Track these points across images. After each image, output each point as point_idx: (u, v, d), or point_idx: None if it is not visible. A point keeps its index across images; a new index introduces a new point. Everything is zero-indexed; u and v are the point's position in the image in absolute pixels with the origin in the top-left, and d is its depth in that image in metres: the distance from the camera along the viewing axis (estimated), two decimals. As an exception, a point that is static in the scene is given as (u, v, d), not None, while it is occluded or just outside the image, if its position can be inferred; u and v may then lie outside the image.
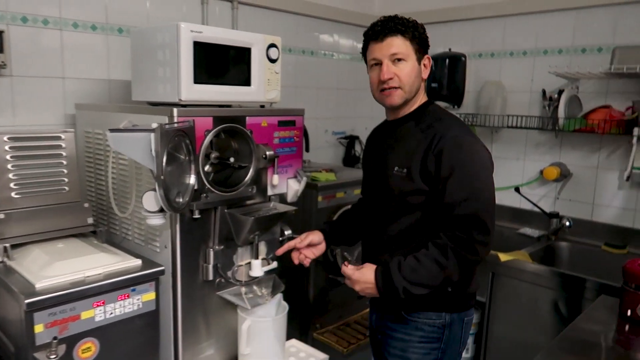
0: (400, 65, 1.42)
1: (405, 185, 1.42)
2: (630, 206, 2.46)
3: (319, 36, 3.06)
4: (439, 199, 1.37)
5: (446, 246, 1.33)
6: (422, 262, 1.34)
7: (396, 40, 1.41)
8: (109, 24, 2.11)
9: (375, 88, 1.49)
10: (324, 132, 3.17)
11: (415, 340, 1.48)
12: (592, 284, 2.07)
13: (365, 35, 1.49)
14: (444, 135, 1.38)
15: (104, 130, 1.77)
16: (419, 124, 1.47)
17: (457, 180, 1.34)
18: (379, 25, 1.44)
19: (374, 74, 1.47)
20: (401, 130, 1.51)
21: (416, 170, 1.40)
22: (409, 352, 1.49)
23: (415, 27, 1.44)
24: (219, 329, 1.80)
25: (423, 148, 1.40)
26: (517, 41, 2.77)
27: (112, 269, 1.55)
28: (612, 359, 1.41)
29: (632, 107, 2.34)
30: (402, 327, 1.50)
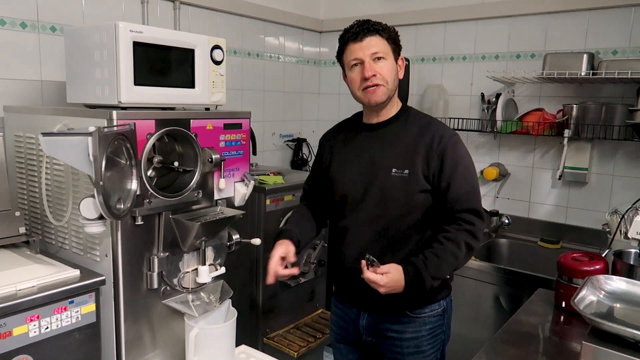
0: (381, 64, 1.46)
1: (409, 186, 1.46)
2: (563, 203, 2.61)
3: (265, 38, 3.04)
4: (443, 194, 1.45)
5: (460, 239, 1.42)
6: (442, 257, 1.42)
7: (375, 40, 1.46)
8: (41, 21, 2.00)
9: (357, 87, 1.50)
10: (271, 135, 3.16)
11: (425, 334, 1.55)
12: (529, 278, 2.19)
13: (342, 39, 1.52)
14: (444, 135, 1.47)
15: (36, 134, 1.67)
16: (408, 125, 1.52)
17: (460, 176, 1.44)
18: (357, 27, 1.48)
19: (355, 73, 1.49)
20: (388, 132, 1.53)
21: (419, 170, 1.45)
22: (423, 346, 1.55)
23: (390, 29, 1.51)
24: (165, 339, 1.74)
25: (424, 148, 1.46)
26: (457, 46, 2.88)
27: (47, 280, 1.46)
28: (549, 348, 1.49)
29: (562, 110, 2.48)
30: (410, 326, 1.54)
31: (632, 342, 1.13)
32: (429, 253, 1.43)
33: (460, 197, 1.44)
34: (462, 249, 1.42)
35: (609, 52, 2.40)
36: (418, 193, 1.46)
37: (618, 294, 1.39)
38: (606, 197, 2.47)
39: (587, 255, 1.71)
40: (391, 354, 1.57)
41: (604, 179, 2.48)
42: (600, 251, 2.03)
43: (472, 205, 1.45)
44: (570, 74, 2.26)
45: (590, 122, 2.36)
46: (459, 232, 1.43)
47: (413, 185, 1.46)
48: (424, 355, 1.56)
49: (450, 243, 1.42)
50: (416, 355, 1.55)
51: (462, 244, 1.42)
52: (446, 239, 1.43)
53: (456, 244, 1.42)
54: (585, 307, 1.29)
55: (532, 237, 2.65)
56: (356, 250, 1.53)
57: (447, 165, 1.44)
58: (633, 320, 1.27)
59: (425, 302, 1.54)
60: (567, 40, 2.50)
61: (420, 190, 1.46)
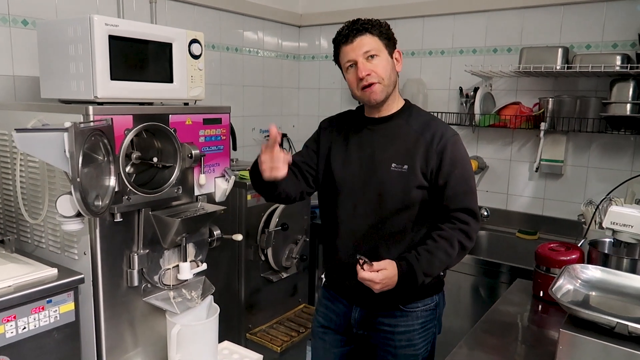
0: (375, 61, 1.47)
1: (408, 182, 1.47)
2: (540, 195, 2.66)
3: (244, 33, 3.01)
4: (440, 192, 1.47)
5: (453, 238, 1.44)
6: (435, 254, 1.43)
7: (365, 39, 1.46)
8: (12, 15, 1.94)
9: (355, 87, 1.50)
10: (250, 130, 3.13)
11: (417, 327, 1.57)
12: (508, 268, 2.23)
13: (335, 42, 1.53)
14: (444, 134, 1.48)
15: (9, 131, 1.62)
16: (410, 122, 1.53)
17: (457, 175, 1.46)
18: (347, 29, 1.49)
19: (351, 75, 1.50)
20: (390, 128, 1.54)
21: (418, 166, 1.46)
22: (415, 340, 1.57)
23: (380, 25, 1.50)
24: (146, 337, 1.72)
25: (424, 145, 1.47)
26: (436, 41, 2.90)
27: (24, 280, 1.42)
28: (528, 336, 1.52)
29: (538, 103, 2.53)
30: (403, 320, 1.56)
31: (607, 328, 1.16)
32: (422, 250, 1.44)
33: (457, 196, 1.46)
34: (455, 247, 1.44)
35: (583, 46, 2.45)
36: (415, 189, 1.47)
37: (593, 282, 1.42)
38: (581, 188, 2.53)
39: (563, 245, 1.75)
40: (383, 347, 1.59)
41: (579, 171, 2.53)
42: (576, 241, 2.07)
43: (467, 204, 1.46)
44: (545, 68, 2.30)
45: (565, 115, 2.41)
46: (453, 230, 1.45)
47: (411, 181, 1.47)
48: (416, 349, 1.58)
49: (443, 241, 1.44)
50: (408, 348, 1.57)
51: (455, 243, 1.44)
52: (440, 237, 1.45)
53: (449, 243, 1.43)
54: (562, 295, 1.32)
55: (510, 229, 2.70)
56: (350, 244, 1.55)
57: (446, 163, 1.46)
58: (608, 308, 1.31)
59: (419, 297, 1.56)
60: (542, 35, 2.55)
61: (418, 186, 1.47)
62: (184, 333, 1.67)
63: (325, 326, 1.70)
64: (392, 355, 1.58)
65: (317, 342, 1.74)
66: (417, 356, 1.59)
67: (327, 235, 1.64)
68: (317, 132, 1.69)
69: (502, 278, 2.24)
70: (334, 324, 1.67)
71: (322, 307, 1.71)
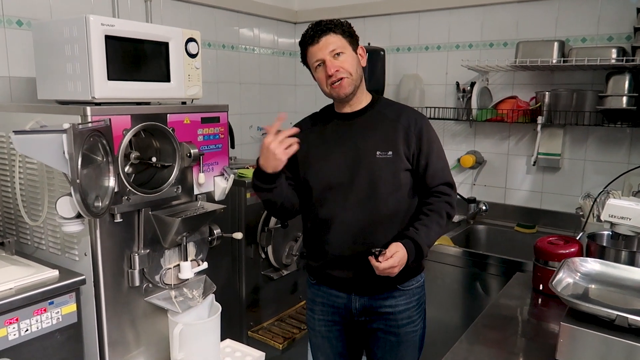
0: (341, 58, 1.55)
1: (395, 166, 1.57)
2: (537, 188, 2.67)
3: (239, 30, 3.00)
4: (422, 172, 1.59)
5: (441, 209, 1.58)
6: (430, 227, 1.55)
7: (330, 38, 1.55)
8: (6, 15, 1.93)
9: (325, 85, 1.58)
10: (248, 128, 3.13)
11: (415, 304, 1.68)
12: (507, 262, 2.23)
13: (302, 44, 1.60)
14: (418, 118, 1.62)
15: (7, 133, 1.62)
16: (383, 112, 1.63)
17: (435, 154, 1.60)
18: (311, 30, 1.57)
19: (320, 73, 1.58)
20: (366, 119, 1.62)
21: (402, 151, 1.57)
22: (414, 316, 1.68)
23: (342, 24, 1.58)
24: (149, 336, 1.72)
25: (403, 131, 1.58)
26: (432, 36, 2.90)
27: (25, 282, 1.42)
28: (528, 330, 1.53)
29: (535, 97, 2.53)
30: (402, 299, 1.65)
31: (607, 321, 1.17)
32: (419, 224, 1.55)
33: (437, 173, 1.60)
34: (444, 217, 1.58)
35: (579, 39, 2.46)
36: (403, 171, 1.58)
37: (593, 275, 1.43)
38: (579, 181, 2.54)
39: (562, 238, 1.76)
40: (387, 327, 1.66)
41: (576, 164, 2.54)
42: (575, 234, 2.09)
43: (446, 178, 1.61)
44: (542, 62, 2.30)
45: (562, 108, 2.42)
46: (439, 203, 1.58)
47: (398, 165, 1.57)
48: (415, 325, 1.68)
49: (434, 214, 1.57)
50: (409, 326, 1.67)
51: (443, 213, 1.58)
52: (430, 210, 1.58)
53: (439, 214, 1.57)
54: (562, 289, 1.33)
55: (508, 223, 2.70)
56: (346, 236, 1.59)
57: (424, 145, 1.59)
58: (607, 300, 1.32)
59: (412, 275, 1.66)
60: (538, 29, 2.55)
61: (405, 169, 1.58)
62: (186, 332, 1.67)
63: (327, 321, 1.72)
64: (395, 334, 1.66)
65: (318, 339, 1.76)
66: (416, 332, 1.69)
67: (316, 234, 1.66)
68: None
69: (500, 272, 2.25)
70: (335, 317, 1.70)
71: (318, 305, 1.73)
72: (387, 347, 1.67)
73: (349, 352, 1.77)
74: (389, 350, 1.68)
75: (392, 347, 1.67)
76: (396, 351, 1.67)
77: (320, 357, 1.79)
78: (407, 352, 1.68)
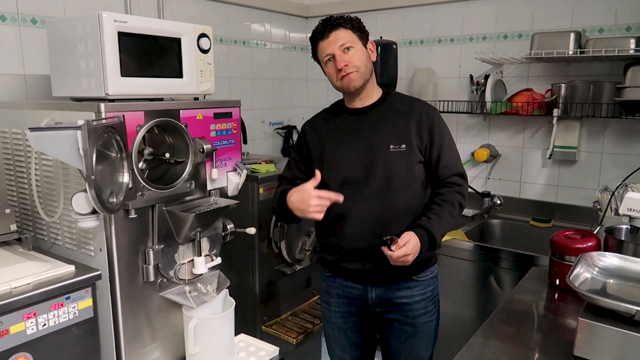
0: (350, 53, 1.57)
1: (409, 159, 1.59)
2: (553, 182, 2.63)
3: (251, 25, 3.00)
4: (435, 163, 1.61)
5: (454, 199, 1.60)
6: (442, 216, 1.57)
7: (340, 33, 1.57)
8: (21, 14, 1.95)
9: (335, 79, 1.60)
10: (260, 123, 3.13)
11: (430, 294, 1.70)
12: (523, 257, 2.21)
13: (312, 39, 1.63)
14: (429, 110, 1.63)
15: (22, 130, 1.64)
16: (394, 106, 1.64)
17: (447, 146, 1.62)
18: (321, 26, 1.59)
19: (330, 68, 1.60)
20: (377, 114, 1.64)
21: (415, 144, 1.58)
22: (429, 306, 1.70)
23: (351, 19, 1.60)
24: (164, 331, 1.74)
25: (415, 124, 1.60)
26: (445, 28, 2.86)
27: (42, 277, 1.44)
28: (544, 325, 1.51)
29: (551, 89, 2.49)
30: (418, 290, 1.67)
31: (626, 316, 1.15)
32: (431, 214, 1.57)
33: (449, 164, 1.62)
34: (456, 207, 1.60)
35: (596, 30, 2.41)
36: (416, 164, 1.60)
37: (611, 270, 1.41)
38: (596, 174, 2.50)
39: (579, 232, 1.73)
40: (403, 318, 1.68)
41: (593, 157, 2.50)
42: (592, 228, 2.06)
43: (458, 169, 1.64)
44: (558, 53, 2.26)
45: (578, 100, 2.37)
46: (452, 193, 1.60)
47: (411, 158, 1.59)
48: (430, 314, 1.70)
49: (446, 204, 1.59)
50: (424, 316, 1.69)
51: (455, 204, 1.60)
52: (443, 200, 1.60)
53: (451, 204, 1.59)
54: (580, 284, 1.31)
55: (523, 217, 2.67)
56: (362, 230, 1.61)
57: (436, 137, 1.60)
58: (626, 295, 1.30)
59: (426, 266, 1.68)
60: (553, 20, 2.50)
61: (418, 161, 1.60)
62: (201, 327, 1.68)
63: (343, 312, 1.73)
64: (411, 325, 1.68)
65: (334, 331, 1.78)
66: (432, 322, 1.71)
67: (330, 229, 1.67)
68: (299, 140, 1.77)
69: (515, 266, 2.23)
70: (351, 308, 1.72)
71: (334, 296, 1.74)
72: (403, 338, 1.69)
73: (364, 343, 1.78)
74: (404, 341, 1.69)
75: (408, 338, 1.69)
76: (412, 341, 1.69)
77: (335, 349, 1.80)
78: (422, 342, 1.70)
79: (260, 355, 1.86)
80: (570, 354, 1.23)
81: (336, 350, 1.80)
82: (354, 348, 1.77)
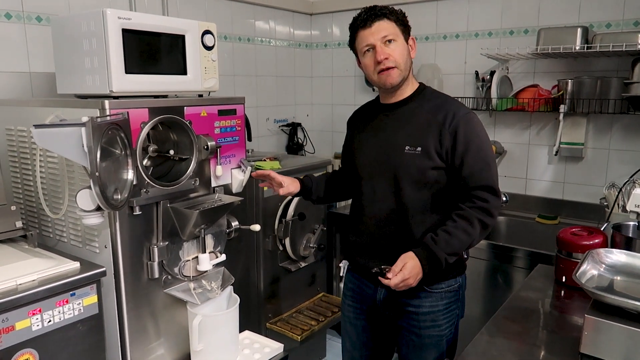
0: (392, 46, 1.49)
1: (422, 163, 1.49)
2: (559, 179, 2.61)
3: (255, 23, 2.99)
4: (457, 172, 1.48)
5: (472, 217, 1.45)
6: (453, 234, 1.44)
7: (384, 24, 1.49)
8: (26, 11, 1.95)
9: (372, 71, 1.53)
10: (265, 121, 3.13)
11: (442, 308, 1.59)
12: (529, 254, 2.20)
13: (352, 27, 1.55)
14: (457, 113, 1.49)
15: (27, 127, 1.64)
16: (423, 105, 1.55)
17: (473, 153, 1.46)
18: (365, 14, 1.51)
19: (368, 59, 1.52)
20: (404, 112, 1.56)
21: (432, 147, 1.48)
22: (439, 320, 1.59)
23: (396, 12, 1.53)
24: (168, 328, 1.74)
25: (437, 126, 1.48)
26: (450, 24, 2.84)
27: (47, 274, 1.45)
28: (550, 322, 1.50)
29: (557, 85, 2.47)
30: (428, 301, 1.58)
31: (634, 313, 1.14)
32: (440, 231, 1.46)
33: (474, 175, 1.46)
34: (476, 226, 1.45)
35: (603, 25, 2.38)
36: (431, 169, 1.49)
37: (618, 266, 1.39)
38: (603, 171, 2.48)
39: (586, 229, 1.72)
40: (409, 327, 1.62)
41: (600, 153, 2.48)
42: (599, 225, 2.04)
43: (485, 182, 1.47)
44: (564, 49, 2.24)
45: (585, 96, 2.35)
46: (472, 209, 1.46)
47: (426, 162, 1.49)
48: (440, 329, 1.60)
49: (462, 220, 1.46)
50: (433, 329, 1.60)
51: (474, 222, 1.45)
52: (458, 216, 1.47)
53: (469, 222, 1.45)
54: (587, 281, 1.30)
55: (529, 214, 2.66)
56: (373, 228, 1.59)
57: (460, 143, 1.47)
58: (633, 292, 1.28)
59: (443, 278, 1.57)
60: (560, 15, 2.48)
61: (433, 167, 1.49)
62: (206, 323, 1.68)
63: (355, 307, 1.73)
64: (417, 335, 1.61)
65: (347, 325, 1.78)
66: (441, 337, 1.60)
67: (351, 221, 1.69)
68: (347, 130, 1.77)
69: (522, 264, 2.21)
70: (363, 305, 1.71)
71: (350, 290, 1.75)
72: (411, 347, 1.64)
73: (375, 346, 1.75)
74: (412, 350, 1.64)
75: (415, 348, 1.63)
76: (419, 352, 1.63)
77: (347, 344, 1.80)
78: (429, 355, 1.61)
79: (264, 352, 1.86)
80: (576, 351, 1.22)
81: (347, 344, 1.80)
82: (363, 347, 1.75)
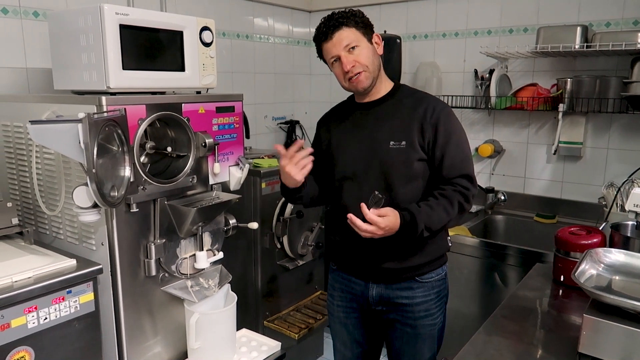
0: (356, 52, 1.52)
1: (408, 156, 1.53)
2: (558, 178, 2.61)
3: (254, 19, 2.98)
4: (438, 164, 1.53)
5: (454, 198, 1.50)
6: (435, 209, 1.48)
7: (344, 33, 1.51)
8: (22, 7, 1.94)
9: (342, 80, 1.57)
10: (263, 118, 3.12)
11: (433, 297, 1.65)
12: (526, 253, 2.20)
13: (316, 40, 1.58)
14: (436, 107, 1.55)
15: (24, 123, 1.63)
16: (402, 100, 1.59)
17: (453, 145, 1.53)
18: (324, 26, 1.54)
19: (337, 69, 1.56)
20: (383, 109, 1.60)
21: (416, 141, 1.53)
22: (432, 309, 1.65)
23: (354, 15, 1.54)
24: (165, 325, 1.73)
25: (418, 120, 1.54)
26: (449, 23, 2.84)
27: (43, 271, 1.44)
28: (548, 321, 1.49)
29: (556, 84, 2.47)
30: (420, 291, 1.62)
31: (632, 313, 1.13)
32: (423, 204, 1.50)
33: (454, 165, 1.53)
34: (455, 207, 1.50)
35: (602, 24, 2.38)
36: (417, 161, 1.54)
37: (617, 266, 1.39)
38: (601, 170, 2.48)
39: (584, 228, 1.71)
40: (403, 319, 1.64)
41: (598, 153, 2.48)
42: (597, 224, 2.04)
43: (465, 171, 1.54)
44: (564, 48, 2.24)
45: (584, 95, 2.35)
46: (454, 192, 1.51)
47: (411, 155, 1.53)
48: (433, 318, 1.65)
49: (444, 199, 1.51)
50: (426, 319, 1.64)
51: (455, 203, 1.50)
52: (441, 195, 1.52)
53: (449, 201, 1.50)
54: (585, 280, 1.29)
55: (527, 213, 2.66)
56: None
57: (441, 135, 1.52)
58: (632, 292, 1.28)
59: (431, 268, 1.63)
60: (559, 13, 2.47)
61: (419, 159, 1.54)
62: (203, 321, 1.68)
63: (345, 307, 1.73)
64: (411, 327, 1.64)
65: (337, 326, 1.78)
66: (434, 325, 1.66)
67: (335, 223, 1.67)
68: (315, 134, 1.76)
69: (519, 263, 2.21)
70: (353, 304, 1.71)
71: (337, 290, 1.75)
72: (405, 339, 1.66)
73: (367, 342, 1.77)
74: (406, 342, 1.67)
75: (409, 339, 1.66)
76: (413, 343, 1.66)
77: (338, 344, 1.80)
78: (424, 345, 1.66)
79: (262, 350, 1.86)
80: (574, 351, 1.21)
81: (338, 344, 1.80)
82: (355, 345, 1.77)
